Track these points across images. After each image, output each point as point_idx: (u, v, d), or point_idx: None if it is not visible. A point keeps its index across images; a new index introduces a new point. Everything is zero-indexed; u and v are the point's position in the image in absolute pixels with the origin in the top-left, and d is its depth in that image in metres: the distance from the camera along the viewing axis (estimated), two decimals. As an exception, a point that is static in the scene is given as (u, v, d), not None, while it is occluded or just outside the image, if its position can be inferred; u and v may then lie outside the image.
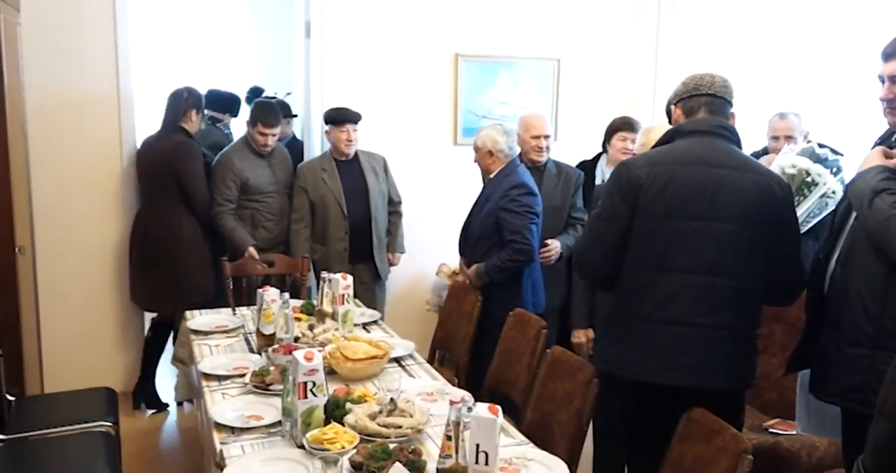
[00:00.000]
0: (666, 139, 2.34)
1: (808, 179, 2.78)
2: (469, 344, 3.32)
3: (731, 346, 2.20)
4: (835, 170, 2.89)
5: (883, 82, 2.00)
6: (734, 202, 2.16)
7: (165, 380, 4.33)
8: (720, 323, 2.17)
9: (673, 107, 2.39)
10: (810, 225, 2.83)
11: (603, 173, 3.87)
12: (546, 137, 3.72)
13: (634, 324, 2.23)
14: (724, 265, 2.16)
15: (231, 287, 3.70)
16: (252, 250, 3.93)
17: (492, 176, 3.48)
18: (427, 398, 2.44)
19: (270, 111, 4.09)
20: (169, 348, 4.04)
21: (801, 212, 2.79)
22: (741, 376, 2.26)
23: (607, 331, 2.36)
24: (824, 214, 2.77)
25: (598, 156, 4.01)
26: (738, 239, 2.16)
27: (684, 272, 2.17)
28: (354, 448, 1.94)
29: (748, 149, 3.25)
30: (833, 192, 2.77)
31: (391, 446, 1.92)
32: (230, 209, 3.98)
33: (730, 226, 2.16)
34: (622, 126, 3.76)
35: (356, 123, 4.04)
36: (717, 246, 2.16)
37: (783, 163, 2.86)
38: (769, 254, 2.19)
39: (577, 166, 3.97)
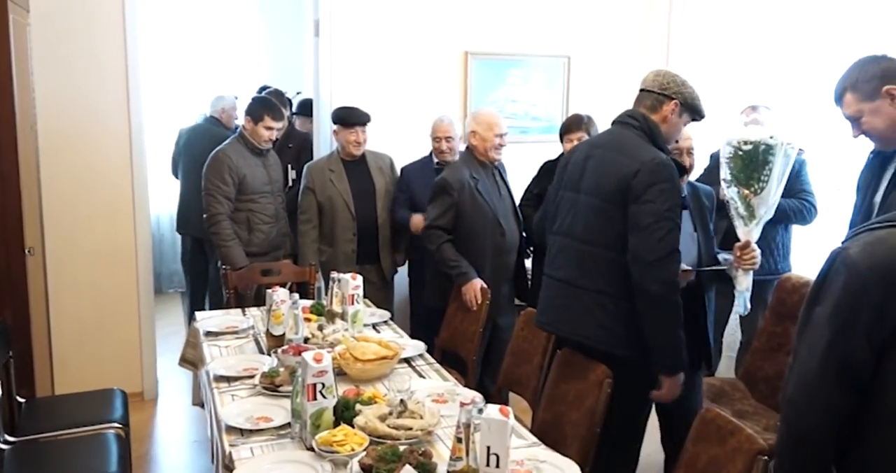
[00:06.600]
0: None
1: (764, 147, 2.76)
2: (478, 343, 3.30)
3: (592, 306, 2.45)
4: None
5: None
6: (594, 177, 2.48)
7: (181, 381, 4.34)
8: (567, 278, 2.51)
9: None
10: (785, 178, 2.80)
11: None
12: (504, 135, 3.64)
13: (542, 279, 2.68)
14: (579, 230, 2.50)
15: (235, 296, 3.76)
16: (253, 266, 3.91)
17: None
18: (437, 399, 2.42)
19: (275, 104, 4.09)
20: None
21: (777, 174, 2.76)
22: (612, 340, 2.41)
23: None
24: (791, 164, 2.76)
25: None
26: (590, 209, 2.47)
27: (561, 235, 2.58)
28: (364, 450, 1.92)
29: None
30: (789, 144, 2.75)
31: (401, 448, 1.90)
32: (229, 209, 3.89)
33: (586, 198, 2.49)
34: None
35: (365, 125, 3.99)
36: (581, 215, 2.51)
37: (735, 141, 2.82)
38: (626, 226, 2.39)
39: None
